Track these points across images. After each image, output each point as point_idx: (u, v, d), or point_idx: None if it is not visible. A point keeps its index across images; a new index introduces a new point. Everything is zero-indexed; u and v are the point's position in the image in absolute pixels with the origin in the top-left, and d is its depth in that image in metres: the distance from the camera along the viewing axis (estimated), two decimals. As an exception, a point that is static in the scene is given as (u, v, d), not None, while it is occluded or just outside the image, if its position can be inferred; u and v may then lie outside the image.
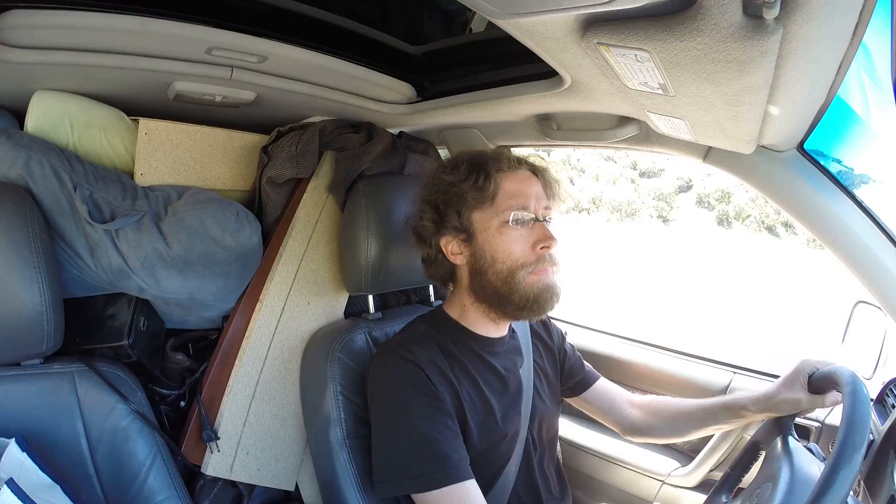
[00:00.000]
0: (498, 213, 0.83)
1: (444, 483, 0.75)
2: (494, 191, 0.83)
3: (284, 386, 1.05)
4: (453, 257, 0.87)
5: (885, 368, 0.93)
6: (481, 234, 0.84)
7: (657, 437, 1.05)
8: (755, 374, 1.24)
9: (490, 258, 0.83)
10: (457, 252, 0.87)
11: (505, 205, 0.83)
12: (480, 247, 0.84)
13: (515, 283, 0.82)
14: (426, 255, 0.91)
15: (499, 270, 0.83)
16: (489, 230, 0.83)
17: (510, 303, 0.83)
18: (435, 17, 1.09)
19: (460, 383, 0.84)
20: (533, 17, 0.53)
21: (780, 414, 0.85)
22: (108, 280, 0.90)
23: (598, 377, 1.07)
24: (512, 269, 0.82)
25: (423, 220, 0.88)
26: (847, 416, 0.65)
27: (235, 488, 1.04)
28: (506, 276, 0.82)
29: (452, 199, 0.85)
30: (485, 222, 0.84)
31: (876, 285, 0.85)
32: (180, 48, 0.82)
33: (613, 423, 1.06)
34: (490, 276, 0.83)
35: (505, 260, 0.82)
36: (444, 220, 0.86)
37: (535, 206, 0.84)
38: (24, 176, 0.82)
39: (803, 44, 0.47)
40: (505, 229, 0.82)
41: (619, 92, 0.70)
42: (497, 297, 0.84)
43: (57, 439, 0.80)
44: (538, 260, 0.82)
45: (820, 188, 0.84)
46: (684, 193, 25.32)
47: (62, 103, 0.90)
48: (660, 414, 1.02)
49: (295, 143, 1.08)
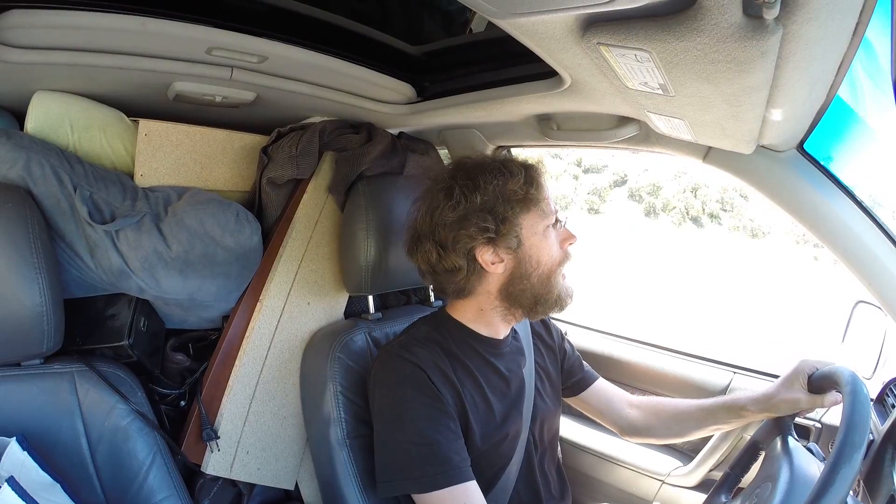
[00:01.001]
0: (544, 217, 0.85)
1: (444, 484, 0.75)
2: (538, 195, 0.85)
3: (284, 386, 1.05)
4: (492, 266, 0.83)
5: (885, 368, 0.93)
6: (528, 239, 0.84)
7: (655, 438, 1.05)
8: (755, 374, 1.24)
9: (535, 262, 0.84)
10: (497, 260, 0.83)
11: (548, 209, 0.85)
12: (527, 252, 0.84)
13: (554, 283, 0.85)
14: (451, 265, 0.84)
15: (542, 273, 0.84)
16: (536, 235, 0.84)
17: (545, 303, 0.85)
18: (435, 17, 1.09)
19: (463, 385, 0.84)
20: (533, 16, 0.53)
21: (779, 414, 0.85)
22: (108, 280, 0.90)
23: (596, 377, 1.07)
24: (552, 269, 0.85)
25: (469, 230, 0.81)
26: (847, 415, 0.65)
27: (235, 487, 1.04)
28: (546, 277, 0.85)
29: (517, 206, 0.82)
30: (532, 227, 0.84)
31: (876, 285, 0.85)
32: (180, 48, 0.82)
33: (612, 423, 1.06)
34: (533, 279, 0.84)
35: (548, 262, 0.85)
36: (508, 229, 0.82)
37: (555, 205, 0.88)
38: (24, 177, 0.82)
39: (803, 44, 0.47)
40: (549, 232, 0.85)
41: (619, 92, 0.70)
42: (533, 300, 0.85)
43: (57, 439, 0.81)
44: (566, 256, 0.87)
45: (820, 188, 0.84)
46: (619, 188, 26.54)
47: (62, 104, 0.90)
48: (658, 414, 1.02)
49: (295, 143, 1.08)
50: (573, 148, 1.12)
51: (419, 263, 0.89)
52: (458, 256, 0.83)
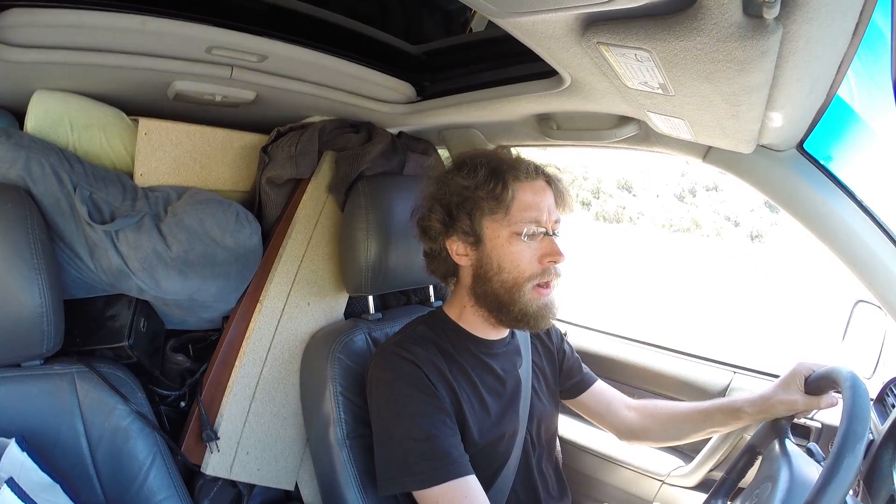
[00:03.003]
0: (511, 224, 0.82)
1: (444, 479, 0.75)
2: (510, 201, 0.82)
3: (284, 386, 1.05)
4: (458, 258, 0.87)
5: (885, 368, 0.93)
6: (490, 241, 0.83)
7: (653, 441, 1.04)
8: (755, 374, 1.24)
9: (497, 266, 0.83)
10: (462, 254, 0.86)
11: (518, 216, 0.82)
12: (488, 254, 0.83)
13: (519, 294, 0.82)
14: (430, 249, 0.91)
15: (504, 280, 0.82)
16: (499, 238, 0.83)
17: (509, 313, 0.83)
18: (435, 16, 1.09)
19: (458, 384, 0.84)
20: (533, 16, 0.53)
21: (776, 416, 0.85)
22: (107, 281, 0.90)
23: (595, 380, 1.07)
24: (518, 280, 0.82)
25: (430, 220, 0.87)
26: (848, 407, 0.65)
27: (235, 488, 1.04)
28: (510, 286, 0.82)
29: (466, 203, 0.84)
30: (495, 230, 0.83)
31: (876, 285, 0.84)
32: (180, 47, 0.82)
33: (610, 426, 1.06)
34: (494, 283, 0.83)
35: (512, 270, 0.82)
36: (455, 223, 0.85)
37: (546, 219, 0.84)
38: (23, 176, 0.82)
39: (803, 44, 0.47)
40: (515, 241, 0.82)
41: (618, 92, 0.70)
42: (497, 305, 0.84)
43: (57, 439, 0.80)
44: (543, 272, 0.82)
45: (820, 188, 0.84)
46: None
47: (62, 103, 0.90)
48: (655, 417, 1.02)
49: (295, 143, 1.08)
50: (573, 148, 1.12)
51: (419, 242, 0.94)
52: (430, 240, 0.89)
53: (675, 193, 31.52)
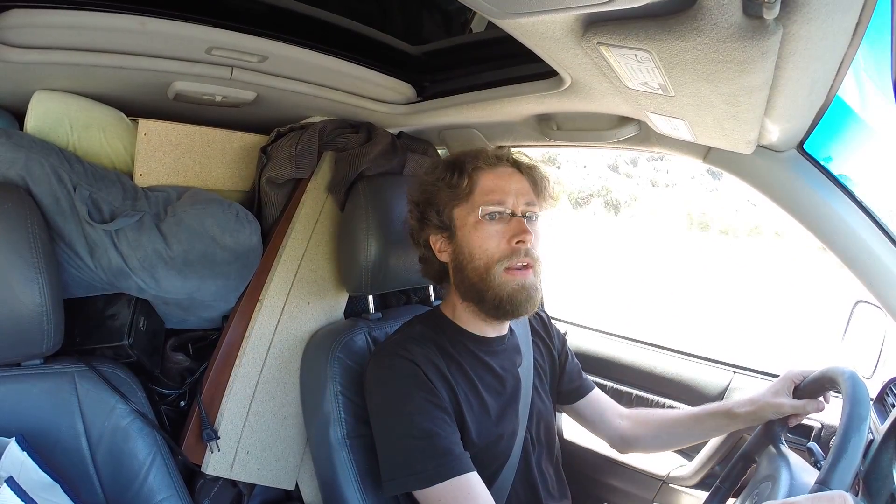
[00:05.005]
0: (473, 209, 0.85)
1: (446, 476, 0.75)
2: (470, 187, 0.85)
3: (284, 386, 1.05)
4: (440, 255, 0.90)
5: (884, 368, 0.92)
6: (460, 230, 0.86)
7: (645, 449, 1.05)
8: (755, 374, 1.24)
9: (468, 254, 0.85)
10: (442, 249, 0.90)
11: (480, 200, 0.85)
12: (460, 242, 0.86)
13: (490, 278, 0.83)
14: (420, 254, 0.94)
15: (476, 266, 0.84)
16: (467, 226, 0.86)
17: (485, 301, 0.84)
18: (435, 16, 1.09)
19: (457, 382, 0.84)
20: (533, 16, 0.53)
21: (766, 419, 0.87)
22: (107, 280, 0.90)
23: (592, 388, 1.07)
24: (488, 264, 0.83)
25: (410, 220, 0.93)
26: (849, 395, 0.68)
27: (235, 487, 1.04)
28: (482, 271, 0.83)
29: (431, 198, 0.89)
30: (463, 218, 0.86)
31: (876, 285, 0.84)
32: (180, 48, 0.82)
33: (603, 435, 1.06)
34: (469, 271, 0.85)
35: (481, 255, 0.84)
36: (426, 218, 0.89)
37: (513, 201, 0.85)
38: (23, 176, 0.82)
39: (803, 44, 0.47)
40: (480, 225, 0.84)
41: (618, 92, 0.70)
42: (475, 294, 0.85)
43: (57, 439, 0.80)
44: (513, 253, 0.83)
45: (820, 188, 0.84)
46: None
47: (62, 103, 0.90)
48: (647, 424, 1.02)
49: (294, 143, 1.08)
50: (573, 148, 1.12)
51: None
52: (416, 243, 0.94)
53: (609, 164, 27.91)
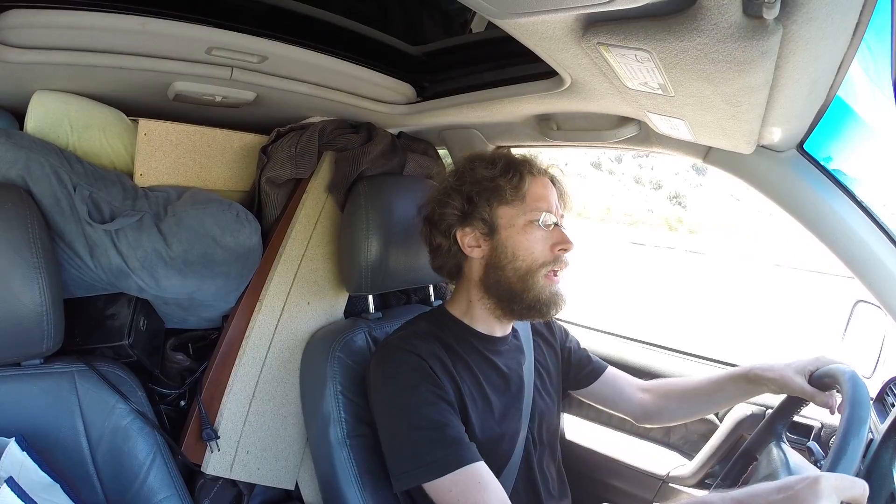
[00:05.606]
0: (526, 212, 0.86)
1: (458, 465, 0.74)
2: (525, 191, 0.87)
3: (284, 385, 1.05)
4: (469, 249, 0.89)
5: (884, 368, 0.93)
6: (505, 229, 0.86)
7: (669, 420, 1.05)
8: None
9: (511, 254, 0.85)
10: (474, 245, 0.88)
11: (533, 205, 0.86)
12: (503, 242, 0.86)
13: (532, 282, 0.84)
14: (438, 244, 0.92)
15: (518, 267, 0.85)
16: (514, 227, 0.86)
17: (522, 301, 0.85)
18: (435, 17, 1.09)
19: (462, 379, 0.84)
20: (533, 17, 0.53)
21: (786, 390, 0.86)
22: (107, 280, 0.90)
23: (606, 367, 1.08)
24: (532, 267, 0.84)
25: (447, 209, 0.89)
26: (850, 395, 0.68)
27: (235, 487, 1.04)
28: (524, 273, 0.84)
29: (485, 192, 0.87)
30: (510, 219, 0.86)
31: (876, 285, 0.85)
32: (180, 48, 0.82)
33: (624, 411, 1.06)
34: (508, 271, 0.85)
35: (526, 258, 0.85)
36: (474, 211, 0.88)
37: (556, 211, 0.88)
38: (23, 176, 0.82)
39: (803, 44, 0.47)
40: (530, 228, 0.85)
41: (618, 92, 0.70)
42: (509, 294, 0.85)
43: (57, 439, 0.80)
44: (555, 260, 0.85)
45: (820, 188, 0.84)
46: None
47: (62, 104, 0.90)
48: (669, 395, 1.03)
49: (294, 143, 1.08)
50: (573, 148, 1.12)
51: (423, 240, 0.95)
52: (440, 234, 0.90)
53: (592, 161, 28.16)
